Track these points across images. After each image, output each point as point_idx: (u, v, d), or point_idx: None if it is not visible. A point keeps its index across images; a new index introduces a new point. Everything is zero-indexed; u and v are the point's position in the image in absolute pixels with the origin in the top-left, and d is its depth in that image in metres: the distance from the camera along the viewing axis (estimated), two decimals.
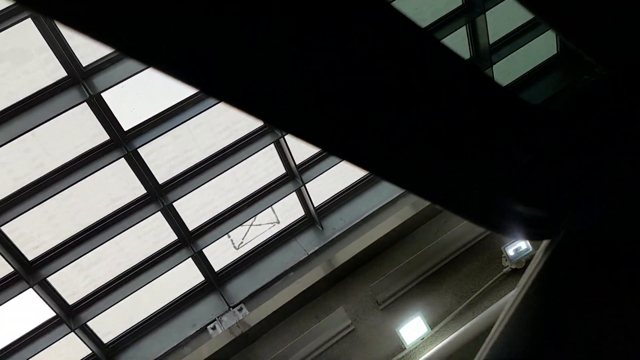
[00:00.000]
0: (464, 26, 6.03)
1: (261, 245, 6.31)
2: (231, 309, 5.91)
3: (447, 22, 5.98)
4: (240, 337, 5.86)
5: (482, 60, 6.20)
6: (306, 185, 5.98)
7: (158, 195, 5.40)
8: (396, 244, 6.47)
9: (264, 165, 6.14)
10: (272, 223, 6.32)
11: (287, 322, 6.09)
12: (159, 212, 5.45)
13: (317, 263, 6.29)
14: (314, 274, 6.24)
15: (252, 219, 6.06)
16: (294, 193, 6.15)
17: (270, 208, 6.15)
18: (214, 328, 5.86)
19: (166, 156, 5.48)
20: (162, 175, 5.46)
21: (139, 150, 5.13)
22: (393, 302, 6.20)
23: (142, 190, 5.44)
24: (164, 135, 5.15)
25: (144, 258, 5.77)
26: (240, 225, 5.90)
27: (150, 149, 5.30)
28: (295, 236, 6.44)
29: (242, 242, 6.16)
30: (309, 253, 6.30)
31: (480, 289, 6.03)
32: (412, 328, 5.98)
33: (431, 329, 5.96)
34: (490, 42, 6.07)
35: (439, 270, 6.29)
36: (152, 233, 5.77)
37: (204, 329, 5.93)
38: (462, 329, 5.65)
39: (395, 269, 6.22)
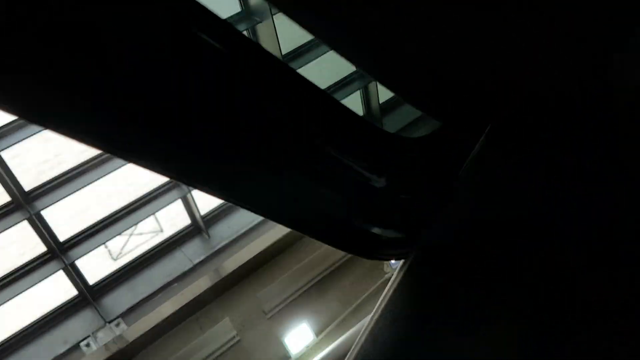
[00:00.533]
0: None
1: (142, 256, 6.00)
2: (107, 324, 5.55)
3: None
4: (117, 354, 5.51)
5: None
6: (192, 192, 5.78)
7: (24, 203, 4.94)
8: (284, 252, 6.46)
9: (147, 171, 5.85)
10: (154, 232, 6.04)
11: (169, 336, 5.83)
12: (25, 221, 4.99)
13: (203, 273, 6.09)
14: (200, 285, 6.03)
15: (133, 227, 5.75)
16: (180, 200, 5.92)
17: (153, 216, 5.87)
18: (87, 345, 5.46)
19: (34, 160, 5.04)
20: (29, 182, 5.01)
21: (1, 153, 4.66)
22: (280, 311, 6.17)
23: (5, 197, 4.96)
24: (32, 137, 4.72)
25: (7, 272, 5.26)
26: (119, 234, 5.57)
27: (15, 152, 4.84)
28: (180, 245, 6.20)
29: (120, 253, 5.83)
30: (195, 263, 6.09)
31: (363, 295, 6.17)
32: (298, 336, 5.98)
33: (316, 337, 6.00)
34: None
35: (324, 277, 6.36)
36: (17, 244, 5.29)
37: (76, 346, 5.51)
38: (345, 335, 5.75)
39: (283, 277, 6.20)
